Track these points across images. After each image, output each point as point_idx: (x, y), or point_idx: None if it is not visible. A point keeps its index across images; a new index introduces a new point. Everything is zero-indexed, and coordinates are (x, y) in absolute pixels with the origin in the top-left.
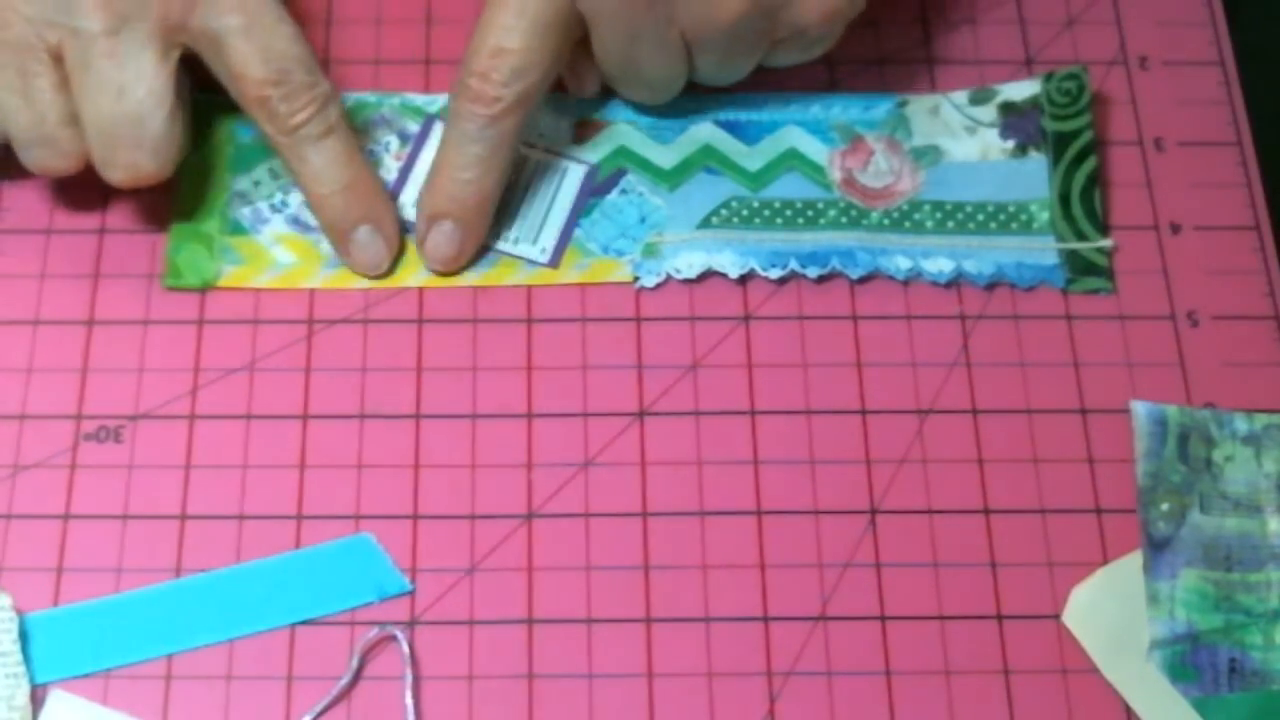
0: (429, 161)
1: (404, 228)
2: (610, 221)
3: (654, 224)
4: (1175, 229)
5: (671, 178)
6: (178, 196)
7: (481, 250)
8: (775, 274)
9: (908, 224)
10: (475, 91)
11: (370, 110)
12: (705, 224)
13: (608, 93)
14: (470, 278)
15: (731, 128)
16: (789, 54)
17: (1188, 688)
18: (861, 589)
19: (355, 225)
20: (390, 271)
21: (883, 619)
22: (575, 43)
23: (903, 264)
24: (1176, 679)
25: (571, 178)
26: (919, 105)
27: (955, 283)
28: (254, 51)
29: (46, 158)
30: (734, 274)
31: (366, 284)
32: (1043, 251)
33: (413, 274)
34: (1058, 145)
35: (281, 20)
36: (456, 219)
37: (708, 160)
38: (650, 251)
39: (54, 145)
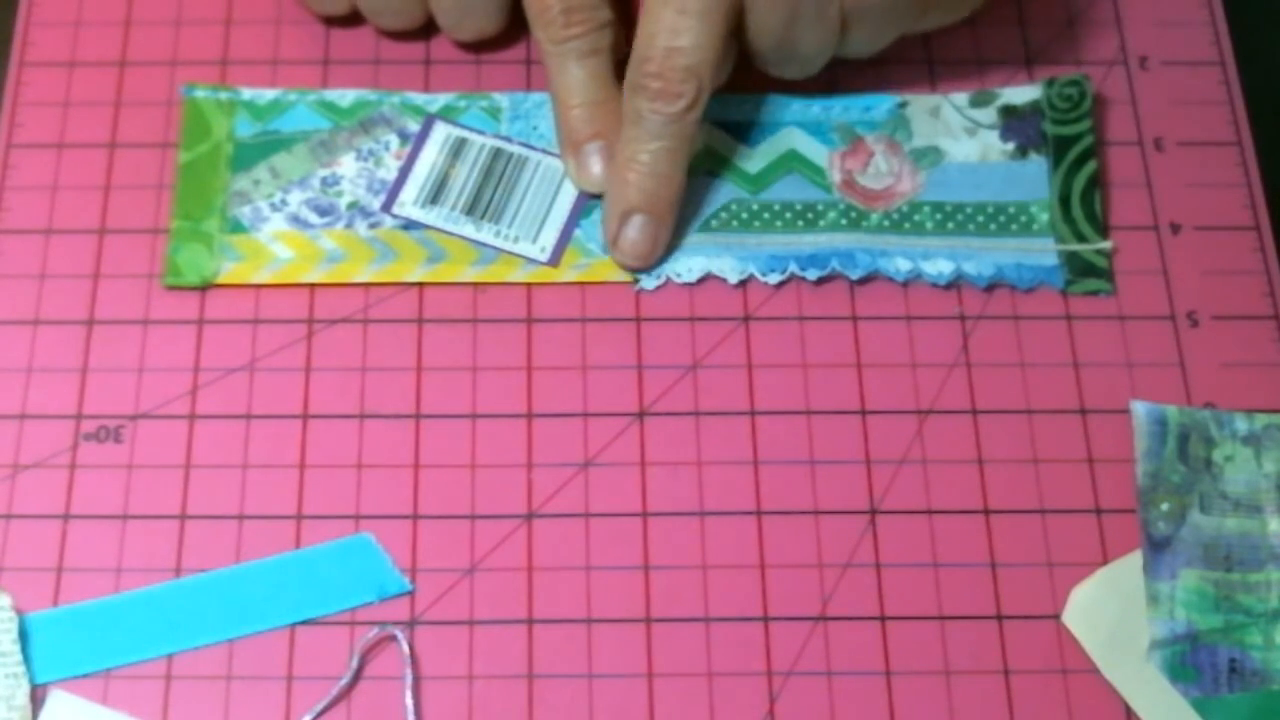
0: (430, 160)
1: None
2: None
3: None
4: (1175, 229)
5: None
6: (178, 196)
7: (480, 247)
8: (775, 279)
9: (908, 225)
10: (655, 90)
11: (370, 108)
12: (705, 227)
13: None
14: (470, 274)
15: (731, 129)
16: (939, 17)
17: (1188, 688)
18: (861, 589)
19: (589, 140)
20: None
21: (883, 619)
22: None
23: (902, 266)
24: (1176, 679)
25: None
26: (919, 106)
27: (955, 284)
28: None
29: (393, 21)
30: (733, 279)
31: (365, 280)
32: (1042, 253)
33: (412, 271)
34: (1058, 148)
35: None
36: (648, 213)
37: (707, 163)
38: None
39: (402, 13)
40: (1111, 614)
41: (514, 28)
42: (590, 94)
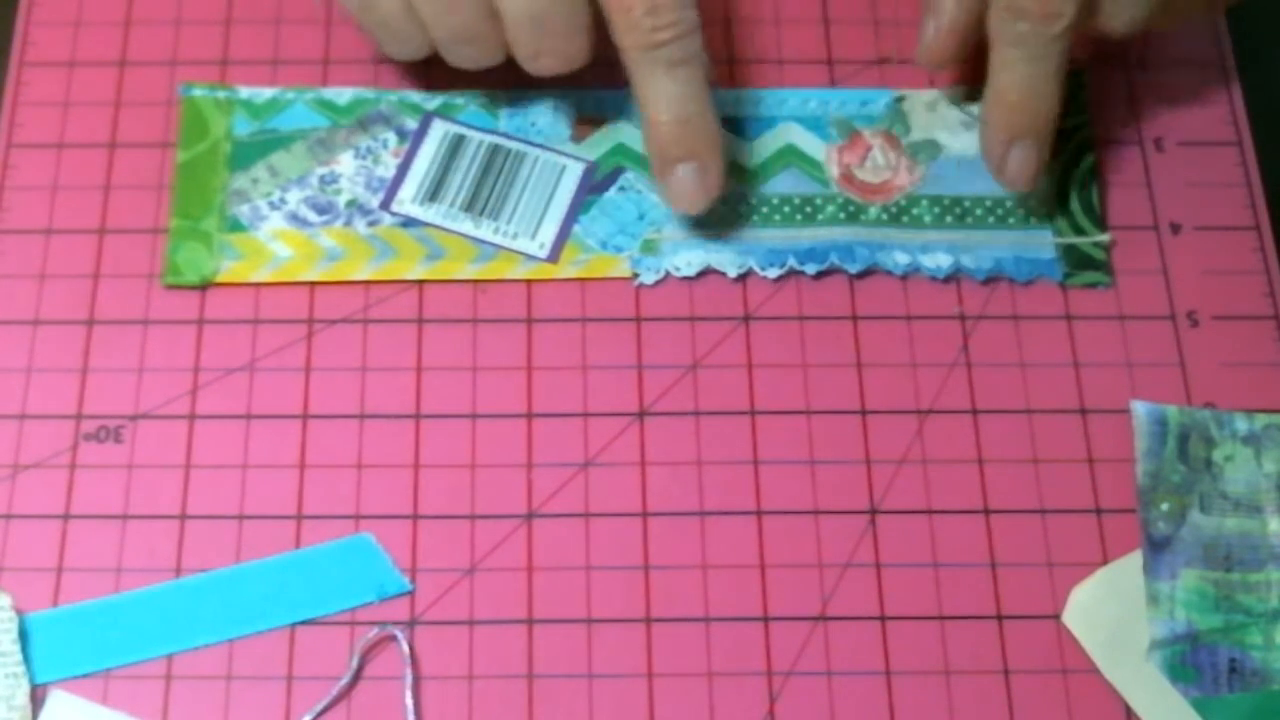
0: (427, 158)
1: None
2: (609, 218)
3: (652, 221)
4: (1175, 229)
5: None
6: (176, 195)
7: (479, 244)
8: (774, 273)
9: (906, 219)
10: (1036, 11)
11: (368, 106)
12: (704, 221)
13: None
14: (469, 271)
15: (729, 124)
16: None
17: (1188, 688)
18: (861, 589)
19: (680, 160)
20: (706, 211)
21: (883, 619)
22: None
23: (901, 259)
24: (1176, 679)
25: (570, 175)
26: (916, 100)
27: (954, 278)
28: None
29: (472, 55)
30: (732, 273)
31: (364, 278)
32: (1040, 246)
33: (411, 268)
34: (1056, 142)
35: None
36: (1033, 136)
37: None
38: (649, 248)
39: (480, 42)
40: (1111, 614)
41: None
42: (681, 108)
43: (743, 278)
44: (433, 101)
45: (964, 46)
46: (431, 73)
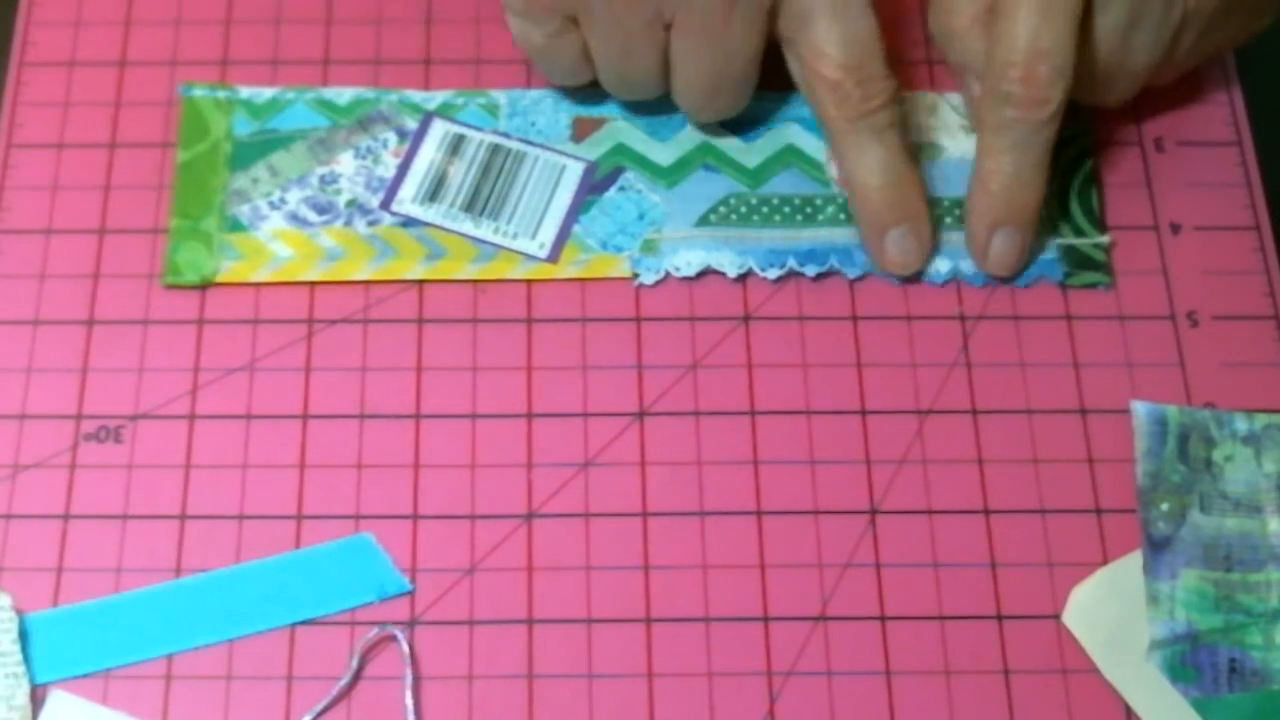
0: (428, 157)
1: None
2: (609, 218)
3: (652, 221)
4: (1175, 229)
5: (669, 175)
6: (176, 195)
7: (479, 244)
8: (774, 274)
9: None
10: (1022, 97)
11: (368, 106)
12: (704, 221)
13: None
14: (469, 271)
15: (729, 124)
16: (1249, 27)
17: (1188, 688)
18: (861, 589)
19: (893, 224)
20: (919, 272)
21: (883, 619)
22: None
23: None
24: (1176, 679)
25: (570, 175)
26: (917, 104)
27: (953, 280)
28: (838, 33)
29: (632, 93)
30: (732, 273)
31: (364, 278)
32: (1040, 247)
33: (411, 268)
34: (1055, 146)
35: (865, 12)
36: (1016, 224)
37: (706, 157)
38: (649, 248)
39: (644, 88)
40: (1111, 614)
41: None
42: (893, 172)
43: (743, 278)
44: (433, 101)
45: None
46: (433, 74)
